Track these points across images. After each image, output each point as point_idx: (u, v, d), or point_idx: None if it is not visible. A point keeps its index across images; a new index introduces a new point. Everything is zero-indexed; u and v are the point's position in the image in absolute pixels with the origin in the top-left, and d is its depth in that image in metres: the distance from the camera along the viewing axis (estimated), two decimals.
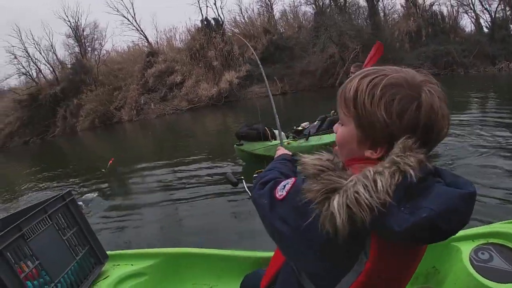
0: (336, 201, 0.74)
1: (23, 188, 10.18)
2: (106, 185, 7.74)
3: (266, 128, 6.31)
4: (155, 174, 7.62)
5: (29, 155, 23.01)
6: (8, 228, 1.56)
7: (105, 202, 6.27)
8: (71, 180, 9.49)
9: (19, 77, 32.05)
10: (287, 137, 6.57)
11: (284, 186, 0.95)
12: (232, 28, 23.81)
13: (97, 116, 26.35)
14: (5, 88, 33.70)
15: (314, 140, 6.22)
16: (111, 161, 6.97)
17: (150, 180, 7.22)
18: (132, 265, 2.07)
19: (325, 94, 5.96)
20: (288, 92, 17.12)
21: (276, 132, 6.17)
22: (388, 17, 17.14)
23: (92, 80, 27.29)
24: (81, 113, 27.02)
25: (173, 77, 23.56)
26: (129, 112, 24.79)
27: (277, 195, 0.95)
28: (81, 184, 8.46)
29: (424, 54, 14.48)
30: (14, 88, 31.69)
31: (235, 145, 6.46)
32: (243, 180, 1.92)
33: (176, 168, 7.79)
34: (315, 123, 6.85)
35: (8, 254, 1.51)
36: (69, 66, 29.38)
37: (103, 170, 7.04)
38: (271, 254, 1.66)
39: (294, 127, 7.00)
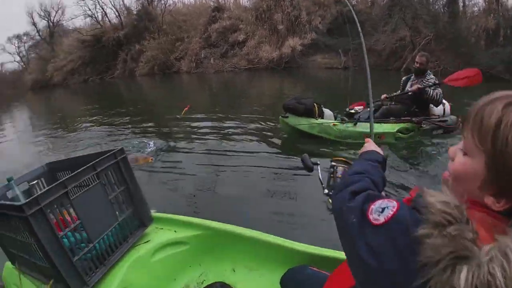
0: (464, 276, 0.61)
1: (77, 126, 10.97)
2: (159, 132, 8.00)
3: (315, 104, 6.14)
4: (207, 134, 7.40)
5: (89, 93, 24.65)
6: (52, 185, 1.54)
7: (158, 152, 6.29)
8: (124, 120, 10.17)
9: (85, 19, 33.81)
10: (335, 118, 6.27)
11: (383, 210, 0.79)
12: None
13: (157, 64, 27.41)
14: (70, 28, 35.43)
15: (363, 127, 5.79)
16: (187, 108, 6.69)
17: (202, 140, 7.01)
18: (175, 231, 2.07)
19: (389, 76, 5.68)
20: (351, 68, 17.16)
21: (326, 110, 6.21)
22: (467, 9, 16.31)
23: (156, 28, 28.15)
24: (142, 59, 28.17)
25: (236, 35, 23.89)
26: (189, 64, 25.65)
27: (371, 218, 0.80)
28: (133, 127, 9.02)
29: (499, 56, 13.51)
30: (79, 28, 33.16)
31: (280, 116, 6.27)
32: (319, 166, 1.73)
33: (228, 130, 7.61)
34: (368, 108, 6.15)
35: (49, 211, 1.50)
36: (135, 12, 30.29)
37: (178, 116, 6.81)
38: (319, 250, 1.77)
39: (347, 109, 6.56)
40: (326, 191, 1.56)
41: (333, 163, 1.54)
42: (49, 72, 33.69)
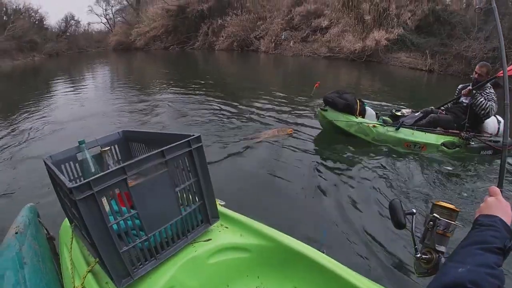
0: None
1: (154, 88, 12.23)
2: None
3: (358, 100, 5.99)
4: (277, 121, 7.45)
5: (169, 59, 26.48)
6: (110, 170, 1.47)
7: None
8: (197, 91, 10.96)
9: None
10: (378, 119, 6.06)
11: None
12: None
13: (236, 40, 28.51)
14: None
15: (405, 133, 5.64)
16: (317, 85, 6.33)
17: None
18: (241, 235, 1.95)
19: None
20: (436, 72, 16.80)
21: (368, 109, 6.02)
22: None
23: (240, 5, 29.10)
24: (222, 33, 29.38)
25: (320, 21, 24.01)
26: (268, 44, 26.34)
27: None
28: (207, 100, 9.59)
29: None
30: None
31: (319, 109, 6.16)
32: (414, 217, 1.37)
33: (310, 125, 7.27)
34: (417, 114, 6.15)
35: (103, 199, 1.45)
36: None
37: (311, 95, 6.54)
38: None
39: (393, 110, 6.38)
40: (418, 254, 1.26)
41: (435, 214, 1.23)
42: (132, 36, 36.02)
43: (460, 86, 6.00)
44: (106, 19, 46.44)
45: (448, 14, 18.76)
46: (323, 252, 1.80)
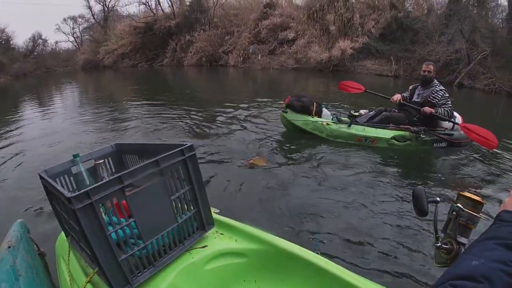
0: None
1: (124, 105, 11.76)
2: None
3: (315, 103, 6.52)
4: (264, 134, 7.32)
5: (137, 77, 25.80)
6: (107, 179, 1.50)
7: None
8: (168, 107, 10.54)
9: (139, 6, 34.94)
10: (333, 118, 6.49)
11: None
12: None
13: (205, 56, 27.88)
14: (124, 14, 37.02)
15: (356, 129, 6.17)
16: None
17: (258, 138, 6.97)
18: (236, 241, 1.97)
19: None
20: (401, 76, 16.80)
21: (324, 110, 6.56)
22: None
23: (207, 20, 28.72)
24: (191, 49, 28.76)
25: (286, 33, 23.80)
26: (236, 58, 25.88)
27: None
28: (178, 116, 9.29)
29: None
30: (132, 15, 34.42)
31: (281, 111, 6.72)
32: (437, 206, 1.28)
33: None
34: (371, 112, 6.60)
35: (101, 207, 1.47)
36: (188, 3, 31.00)
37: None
38: None
39: (352, 111, 6.82)
40: (439, 243, 1.21)
41: (458, 205, 1.16)
42: (100, 54, 35.12)
43: (411, 87, 6.43)
44: (74, 37, 45.33)
45: (411, 20, 18.96)
46: (318, 253, 1.84)
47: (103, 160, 2.09)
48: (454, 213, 1.17)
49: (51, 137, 8.00)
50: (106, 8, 38.92)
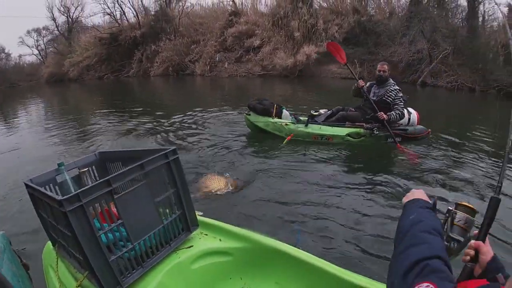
0: None
1: (91, 118, 11.42)
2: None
3: (275, 105, 6.85)
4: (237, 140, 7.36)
5: (103, 89, 24.95)
6: (96, 182, 1.54)
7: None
8: (136, 119, 10.21)
9: (103, 16, 33.91)
10: (292, 119, 6.82)
11: None
12: (321, 1, 23.32)
13: (171, 65, 27.36)
14: (88, 25, 35.91)
15: (313, 128, 6.51)
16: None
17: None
18: (220, 240, 2.02)
19: (404, 89, 5.98)
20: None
21: (284, 112, 6.87)
22: (486, 24, 16.10)
23: (173, 30, 28.17)
24: (157, 59, 28.18)
25: (252, 41, 23.65)
26: (203, 66, 25.45)
27: None
28: (149, 126, 9.07)
29: None
30: (96, 26, 33.47)
31: (244, 114, 7.11)
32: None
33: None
34: (329, 111, 6.86)
35: (91, 209, 1.49)
36: (153, 13, 30.37)
37: (283, 144, 6.63)
38: (376, 284, 1.62)
39: (312, 111, 7.05)
40: None
41: (450, 208, 1.31)
42: (65, 67, 33.86)
43: (368, 84, 6.62)
44: (38, 50, 43.37)
45: (373, 24, 19.20)
46: (299, 247, 1.92)
47: (87, 169, 2.11)
48: (447, 214, 1.29)
49: (18, 151, 7.78)
50: (70, 20, 37.42)
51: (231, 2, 27.07)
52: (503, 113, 2.39)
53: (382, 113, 6.14)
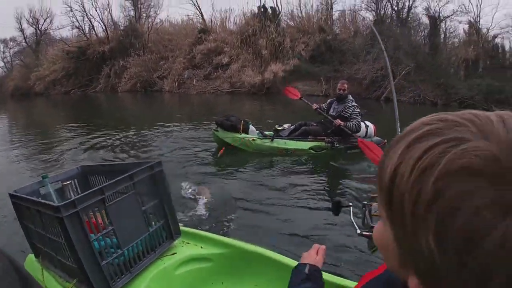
0: None
1: (56, 133, 11.06)
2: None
3: (242, 121, 7.03)
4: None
5: (70, 105, 24.01)
6: (91, 190, 1.60)
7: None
8: (103, 135, 9.89)
9: (72, 30, 32.88)
10: (259, 134, 7.07)
11: None
12: (288, 20, 23.60)
13: (140, 81, 26.83)
14: (57, 38, 34.82)
15: (278, 143, 6.79)
16: (221, 152, 6.98)
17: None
18: (201, 247, 2.09)
19: (368, 105, 6.12)
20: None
21: (251, 127, 7.08)
22: (447, 40, 16.66)
23: (141, 45, 27.71)
24: (125, 75, 27.57)
25: (220, 58, 23.55)
26: (171, 83, 25.10)
27: None
28: (114, 141, 8.91)
29: (478, 87, 14.17)
30: (64, 39, 32.54)
31: (212, 130, 7.19)
32: (351, 208, 1.51)
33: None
34: (292, 126, 7.24)
35: (85, 215, 1.54)
36: (122, 28, 29.90)
37: (217, 157, 7.08)
38: (350, 284, 1.62)
39: (276, 126, 7.36)
40: (359, 231, 1.42)
41: (365, 202, 1.40)
42: (31, 81, 32.69)
43: (328, 101, 7.21)
44: (4, 62, 41.78)
45: (338, 42, 19.43)
46: (276, 250, 2.04)
47: (70, 182, 2.10)
48: (364, 208, 1.37)
49: None
50: (38, 31, 36.11)
51: (200, 19, 27.02)
52: None
53: (338, 120, 6.63)
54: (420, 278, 0.46)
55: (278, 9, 23.53)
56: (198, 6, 27.19)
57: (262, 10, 23.35)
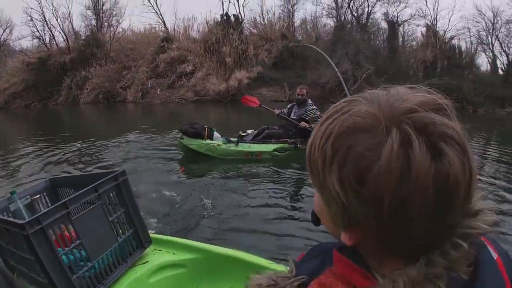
0: None
1: (17, 148, 10.60)
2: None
3: (206, 128, 7.17)
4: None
5: (31, 118, 23.25)
6: (54, 205, 1.60)
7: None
8: (67, 148, 9.64)
9: (32, 40, 31.54)
10: (223, 140, 7.23)
11: None
12: (251, 28, 23.62)
13: (102, 92, 25.85)
14: (16, 49, 33.39)
15: (243, 147, 7.01)
16: (182, 170, 6.92)
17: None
18: (174, 254, 2.07)
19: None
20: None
21: (216, 133, 7.23)
22: (406, 43, 17.35)
23: (103, 55, 26.82)
24: (87, 86, 26.55)
25: (184, 66, 23.22)
26: (135, 93, 24.34)
27: None
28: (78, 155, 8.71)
29: (436, 86, 14.62)
30: (24, 50, 31.32)
31: (178, 138, 7.35)
32: None
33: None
34: (255, 131, 7.49)
35: (51, 231, 1.54)
36: (83, 37, 28.82)
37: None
38: None
39: (240, 132, 7.60)
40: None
41: None
42: None
43: (289, 105, 7.55)
44: None
45: (301, 48, 19.52)
46: (248, 251, 2.08)
47: (39, 195, 2.11)
48: None
49: None
50: None
51: (163, 28, 26.60)
52: None
53: (303, 122, 6.95)
54: (344, 229, 0.57)
55: (241, 17, 23.51)
56: (161, 15, 26.71)
57: (225, 18, 23.19)
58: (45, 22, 29.65)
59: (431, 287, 0.49)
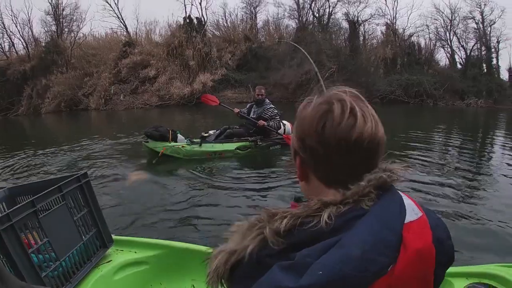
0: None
1: None
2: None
3: (170, 130, 7.25)
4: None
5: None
6: (22, 204, 1.61)
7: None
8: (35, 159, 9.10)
9: None
10: (187, 141, 7.34)
11: None
12: (214, 31, 23.26)
13: (64, 100, 24.76)
14: None
15: (206, 147, 7.17)
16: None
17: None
18: (135, 252, 2.11)
19: (295, 109, 6.32)
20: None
21: (179, 136, 7.32)
22: (367, 42, 17.70)
23: (64, 62, 25.75)
24: (48, 94, 25.37)
25: (147, 71, 22.69)
26: (98, 100, 23.52)
27: None
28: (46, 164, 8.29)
29: (397, 82, 15.72)
30: None
31: (143, 141, 7.35)
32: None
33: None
34: (217, 131, 7.65)
35: (19, 229, 1.55)
36: (43, 44, 27.65)
37: (153, 162, 7.31)
38: None
39: (202, 133, 7.74)
40: None
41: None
42: None
43: (248, 105, 7.72)
44: None
45: (264, 50, 19.57)
46: (208, 245, 2.13)
47: None
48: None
49: None
50: None
51: (124, 32, 25.92)
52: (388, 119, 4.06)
53: (261, 120, 7.20)
54: (299, 170, 0.81)
55: (204, 20, 23.04)
56: (122, 19, 26.04)
57: (187, 21, 22.67)
58: (4, 29, 28.31)
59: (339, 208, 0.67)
